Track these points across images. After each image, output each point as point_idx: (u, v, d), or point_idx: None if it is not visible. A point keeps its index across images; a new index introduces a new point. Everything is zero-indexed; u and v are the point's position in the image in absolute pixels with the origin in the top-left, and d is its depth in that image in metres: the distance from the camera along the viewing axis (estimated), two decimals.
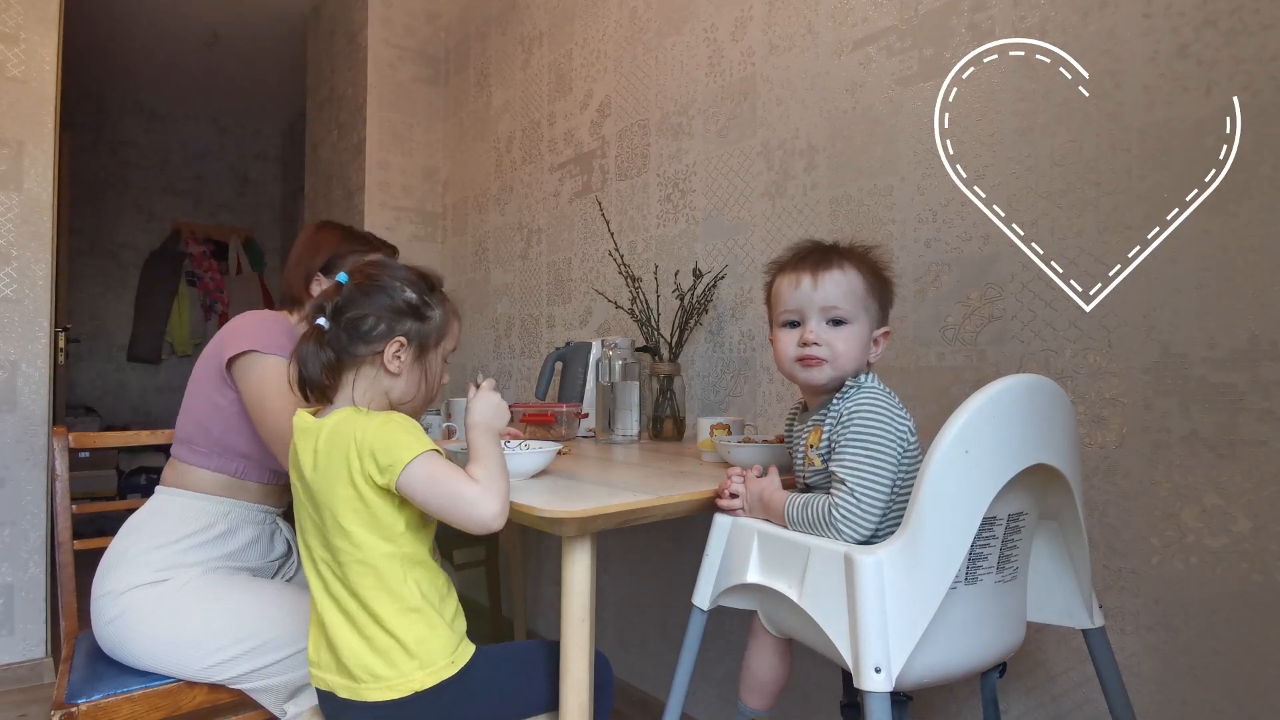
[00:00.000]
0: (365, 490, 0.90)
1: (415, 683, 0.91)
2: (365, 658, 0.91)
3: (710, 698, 1.73)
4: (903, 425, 0.90)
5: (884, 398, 0.92)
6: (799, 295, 0.98)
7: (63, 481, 1.40)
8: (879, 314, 1.00)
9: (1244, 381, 0.96)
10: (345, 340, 0.95)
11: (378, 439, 0.89)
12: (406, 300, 0.99)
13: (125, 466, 4.04)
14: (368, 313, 0.96)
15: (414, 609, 0.92)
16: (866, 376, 0.96)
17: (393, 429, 0.90)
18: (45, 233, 2.17)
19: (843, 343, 0.96)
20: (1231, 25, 0.98)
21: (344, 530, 0.91)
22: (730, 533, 0.96)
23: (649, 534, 1.89)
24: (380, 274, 0.99)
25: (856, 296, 0.97)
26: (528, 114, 2.48)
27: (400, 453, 0.88)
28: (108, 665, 1.18)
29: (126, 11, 3.60)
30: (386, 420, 0.91)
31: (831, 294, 0.96)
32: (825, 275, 0.97)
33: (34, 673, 2.11)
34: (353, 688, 0.92)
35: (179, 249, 4.88)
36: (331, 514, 0.91)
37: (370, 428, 0.90)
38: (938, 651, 0.81)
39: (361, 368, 0.97)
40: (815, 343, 0.96)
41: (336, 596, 0.93)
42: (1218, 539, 0.98)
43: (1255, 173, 0.96)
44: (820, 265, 0.98)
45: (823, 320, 0.97)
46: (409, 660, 0.91)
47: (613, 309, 2.04)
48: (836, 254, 0.99)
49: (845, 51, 1.47)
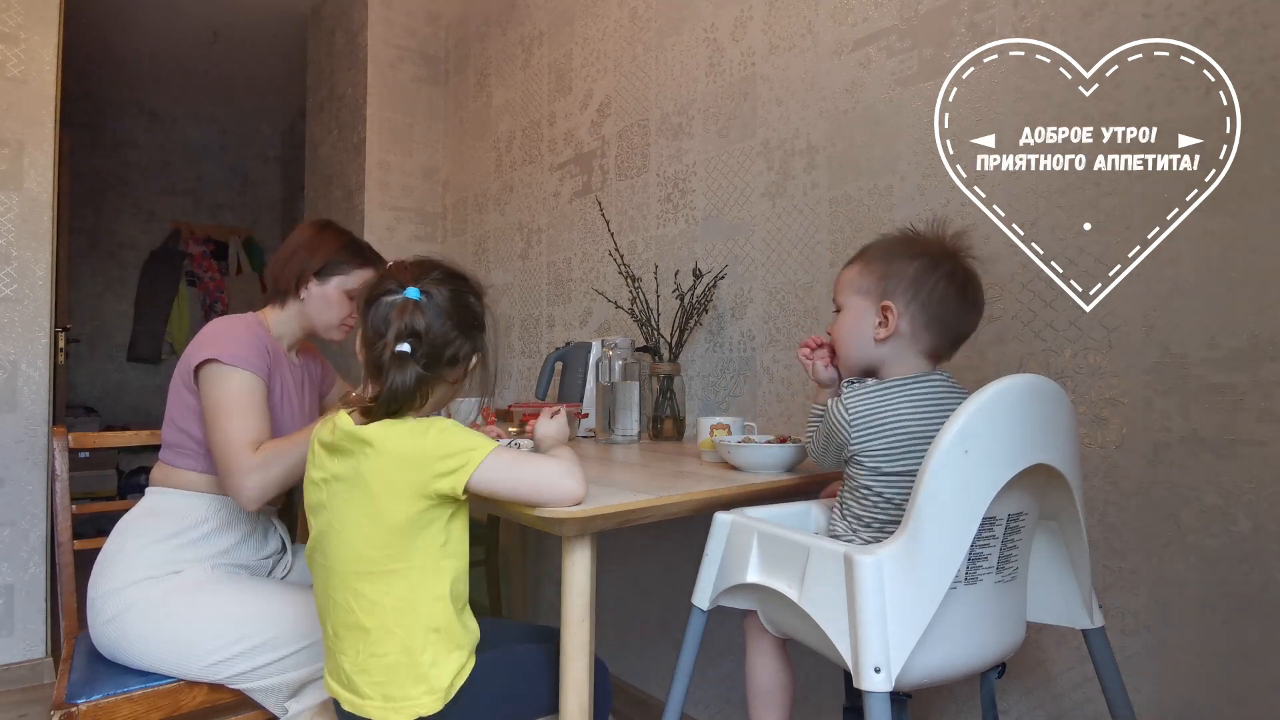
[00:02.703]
0: (427, 502, 0.88)
1: (421, 707, 0.90)
2: (375, 674, 0.90)
3: (710, 698, 1.73)
4: (837, 428, 0.94)
5: (833, 407, 0.95)
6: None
7: (63, 481, 1.40)
8: (878, 288, 0.96)
9: (1244, 381, 0.96)
10: (435, 365, 0.93)
11: (443, 444, 0.88)
12: (478, 317, 0.99)
13: (125, 466, 4.04)
14: (454, 337, 0.95)
15: (438, 628, 0.91)
16: (854, 383, 0.96)
17: (451, 433, 0.89)
18: (45, 233, 2.17)
19: (837, 329, 1.01)
20: (1231, 25, 0.98)
21: (390, 542, 0.89)
22: (730, 533, 0.96)
23: (649, 534, 1.89)
24: (455, 290, 0.96)
25: (850, 283, 1.00)
26: (528, 114, 2.48)
27: (470, 454, 0.87)
28: (107, 665, 1.18)
29: (126, 11, 3.60)
30: (443, 427, 0.90)
31: (836, 285, 1.03)
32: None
33: (34, 673, 2.11)
34: (356, 703, 0.91)
35: (179, 249, 4.88)
36: (379, 525, 0.88)
37: (430, 436, 0.89)
38: (937, 651, 0.80)
39: (437, 384, 0.96)
40: (829, 332, 1.04)
41: (352, 609, 0.91)
42: (1217, 539, 0.98)
43: (1255, 173, 0.96)
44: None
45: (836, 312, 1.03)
46: (417, 685, 0.90)
47: (613, 309, 2.04)
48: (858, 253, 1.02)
49: (845, 51, 1.47)
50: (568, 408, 1.65)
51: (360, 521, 0.90)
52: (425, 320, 0.92)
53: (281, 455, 1.19)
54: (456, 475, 0.87)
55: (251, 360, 1.24)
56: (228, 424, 1.19)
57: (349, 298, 1.39)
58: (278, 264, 1.39)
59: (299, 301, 1.38)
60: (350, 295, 1.39)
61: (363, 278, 1.38)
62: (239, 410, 1.20)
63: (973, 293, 0.96)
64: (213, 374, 1.21)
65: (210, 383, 1.22)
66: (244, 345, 1.25)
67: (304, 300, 1.37)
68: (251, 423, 1.21)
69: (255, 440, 1.20)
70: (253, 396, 1.22)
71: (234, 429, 1.19)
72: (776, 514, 1.04)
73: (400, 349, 0.90)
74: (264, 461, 1.18)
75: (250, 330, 1.29)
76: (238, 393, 1.21)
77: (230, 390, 1.21)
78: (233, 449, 1.18)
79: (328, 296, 1.38)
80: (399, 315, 0.91)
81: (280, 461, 1.19)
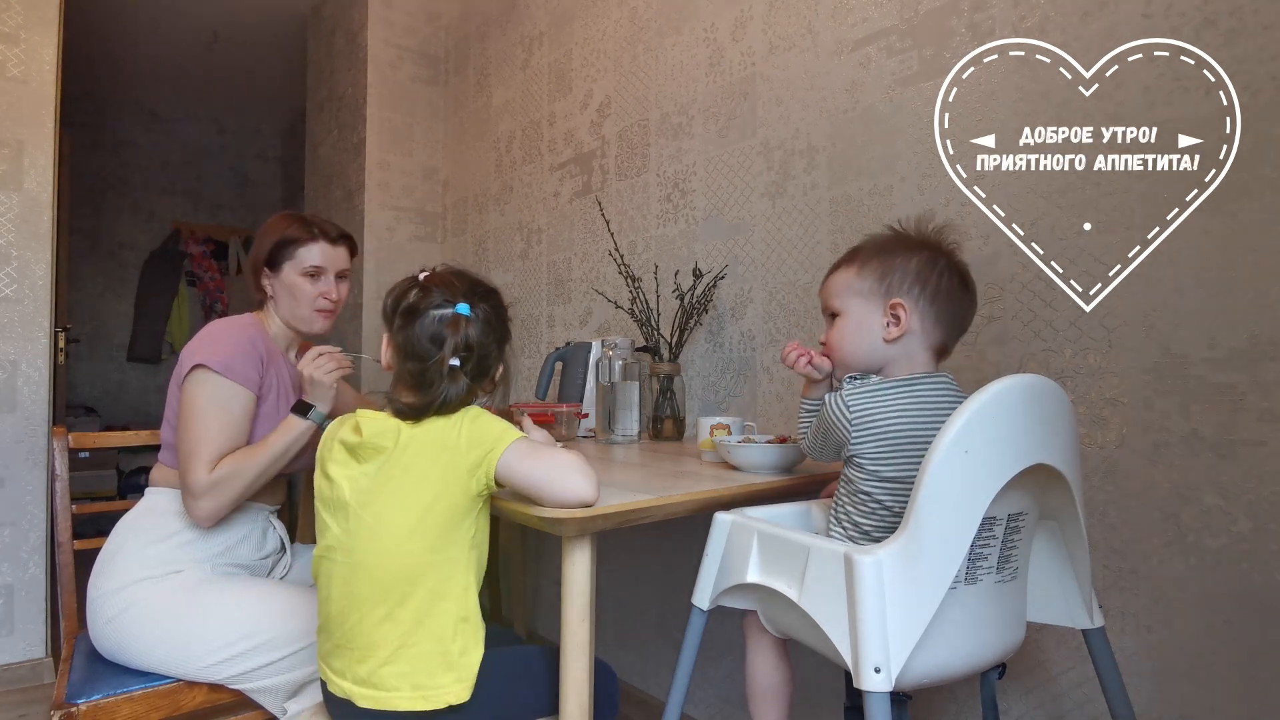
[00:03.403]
0: (461, 489, 0.91)
1: (451, 695, 0.91)
2: (403, 665, 0.90)
3: (710, 698, 1.73)
4: (836, 424, 0.92)
5: (833, 402, 0.93)
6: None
7: (63, 481, 1.40)
8: (882, 288, 0.94)
9: (1244, 381, 0.96)
10: (476, 377, 0.99)
11: (473, 432, 0.92)
12: (509, 330, 1.05)
13: (125, 466, 4.04)
14: (493, 349, 1.01)
15: (466, 618, 0.93)
16: (856, 380, 0.95)
17: (484, 420, 0.95)
18: (45, 233, 2.17)
19: (835, 335, 0.99)
20: (1231, 25, 0.98)
21: (423, 531, 0.91)
22: (730, 533, 0.96)
23: (649, 534, 1.89)
24: (499, 310, 1.03)
25: (848, 286, 0.97)
26: (528, 114, 2.48)
27: (498, 439, 0.91)
28: (107, 665, 1.18)
29: (126, 11, 3.60)
30: (477, 414, 0.96)
31: (825, 293, 1.01)
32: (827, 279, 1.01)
33: (34, 673, 2.11)
34: (378, 698, 0.91)
35: (179, 249, 4.88)
36: (414, 515, 0.91)
37: (465, 423, 0.94)
38: (937, 652, 0.80)
39: (474, 394, 1.01)
40: (823, 342, 1.02)
41: (379, 604, 0.91)
42: (1218, 539, 0.98)
43: (1255, 173, 0.96)
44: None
45: (828, 320, 1.01)
46: (447, 673, 0.91)
47: (613, 309, 2.04)
48: (845, 256, 1.01)
49: (845, 51, 1.47)
50: (568, 408, 1.66)
51: (397, 516, 0.92)
52: (476, 334, 0.98)
53: (242, 472, 1.19)
54: (487, 461, 0.91)
55: (241, 370, 1.22)
56: (196, 434, 1.18)
57: (309, 278, 1.34)
58: (245, 269, 1.39)
59: (271, 301, 1.37)
60: (308, 275, 1.34)
61: (312, 253, 1.34)
62: (211, 422, 1.19)
63: (971, 285, 0.96)
64: (198, 379, 1.21)
65: (193, 387, 1.20)
66: (238, 353, 1.23)
67: (274, 299, 1.36)
68: (222, 437, 1.20)
69: (217, 455, 1.18)
70: (228, 409, 1.21)
71: (199, 440, 1.18)
72: (776, 514, 1.04)
73: (453, 363, 0.95)
74: (216, 482, 1.17)
75: (246, 334, 1.28)
76: (215, 403, 1.19)
77: (207, 399, 1.19)
78: (191, 463, 1.17)
79: (287, 286, 1.34)
80: (453, 330, 0.96)
81: (236, 478, 1.19)
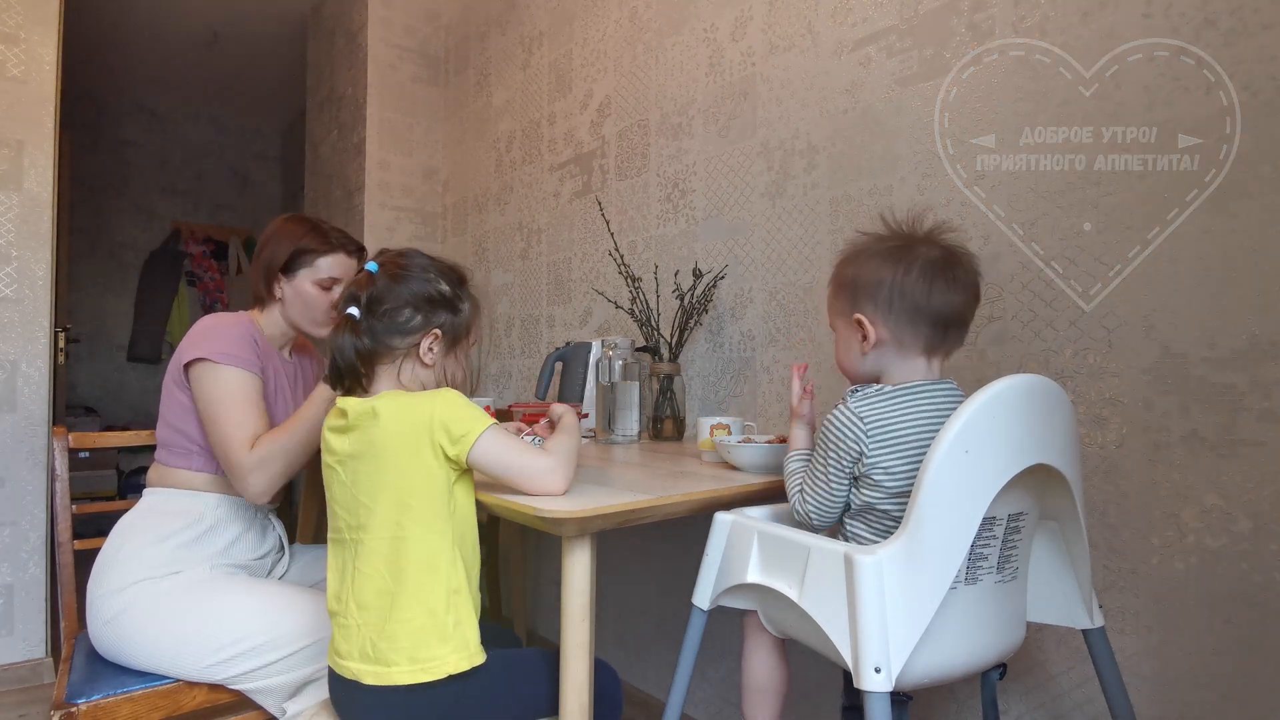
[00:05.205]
0: (435, 465, 0.92)
1: (450, 665, 0.92)
2: (401, 639, 0.92)
3: (710, 698, 1.73)
4: (850, 436, 0.89)
5: (841, 413, 0.90)
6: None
7: (63, 481, 1.40)
8: (849, 304, 0.94)
9: (1244, 381, 0.96)
10: (381, 331, 0.98)
11: (449, 412, 0.92)
12: (440, 292, 1.02)
13: (125, 466, 4.04)
14: (404, 304, 0.99)
15: (456, 590, 0.94)
16: (857, 391, 0.94)
17: (460, 403, 0.94)
18: (45, 233, 2.17)
19: (836, 354, 1.01)
20: (1231, 25, 0.98)
21: (408, 506, 0.92)
22: (730, 533, 0.96)
23: (649, 534, 1.88)
24: (413, 265, 1.02)
25: (831, 306, 1.01)
26: (528, 114, 2.48)
27: (473, 425, 0.92)
28: (107, 665, 1.18)
29: (126, 11, 3.60)
30: (454, 395, 0.95)
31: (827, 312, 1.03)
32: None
33: (34, 673, 2.11)
34: (382, 673, 0.92)
35: (179, 249, 4.88)
36: (396, 490, 0.92)
37: (439, 402, 0.93)
38: (938, 652, 0.80)
39: (401, 360, 1.00)
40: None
41: (376, 576, 0.94)
42: (1218, 539, 0.98)
43: (1255, 173, 0.96)
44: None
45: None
46: (444, 644, 0.92)
47: (613, 309, 2.04)
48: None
49: (845, 51, 1.47)
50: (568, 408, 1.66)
51: (380, 489, 0.94)
52: (377, 291, 0.98)
53: (279, 446, 1.20)
54: (461, 443, 0.91)
55: (241, 356, 1.24)
56: (224, 424, 1.20)
57: (322, 288, 1.35)
58: (253, 268, 1.38)
59: (278, 303, 1.37)
60: (323, 286, 1.35)
61: (331, 264, 1.35)
62: (233, 408, 1.20)
63: (950, 271, 0.90)
64: (204, 373, 1.22)
65: (202, 382, 1.22)
66: (233, 342, 1.25)
67: (282, 301, 1.36)
68: (248, 419, 1.21)
69: (251, 436, 1.20)
70: (245, 391, 1.23)
71: (229, 428, 1.20)
72: (776, 514, 1.04)
73: (349, 311, 0.97)
74: (261, 459, 1.19)
75: (239, 326, 1.29)
76: (229, 390, 1.21)
77: (222, 388, 1.21)
78: (230, 448, 1.19)
79: (299, 292, 1.34)
80: (358, 286, 0.99)
81: (280, 453, 1.20)
